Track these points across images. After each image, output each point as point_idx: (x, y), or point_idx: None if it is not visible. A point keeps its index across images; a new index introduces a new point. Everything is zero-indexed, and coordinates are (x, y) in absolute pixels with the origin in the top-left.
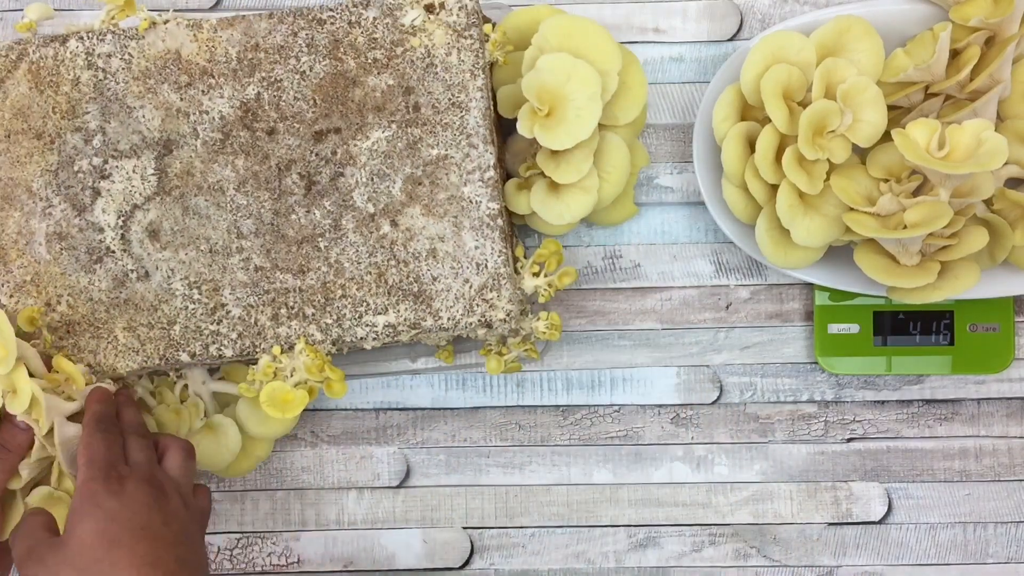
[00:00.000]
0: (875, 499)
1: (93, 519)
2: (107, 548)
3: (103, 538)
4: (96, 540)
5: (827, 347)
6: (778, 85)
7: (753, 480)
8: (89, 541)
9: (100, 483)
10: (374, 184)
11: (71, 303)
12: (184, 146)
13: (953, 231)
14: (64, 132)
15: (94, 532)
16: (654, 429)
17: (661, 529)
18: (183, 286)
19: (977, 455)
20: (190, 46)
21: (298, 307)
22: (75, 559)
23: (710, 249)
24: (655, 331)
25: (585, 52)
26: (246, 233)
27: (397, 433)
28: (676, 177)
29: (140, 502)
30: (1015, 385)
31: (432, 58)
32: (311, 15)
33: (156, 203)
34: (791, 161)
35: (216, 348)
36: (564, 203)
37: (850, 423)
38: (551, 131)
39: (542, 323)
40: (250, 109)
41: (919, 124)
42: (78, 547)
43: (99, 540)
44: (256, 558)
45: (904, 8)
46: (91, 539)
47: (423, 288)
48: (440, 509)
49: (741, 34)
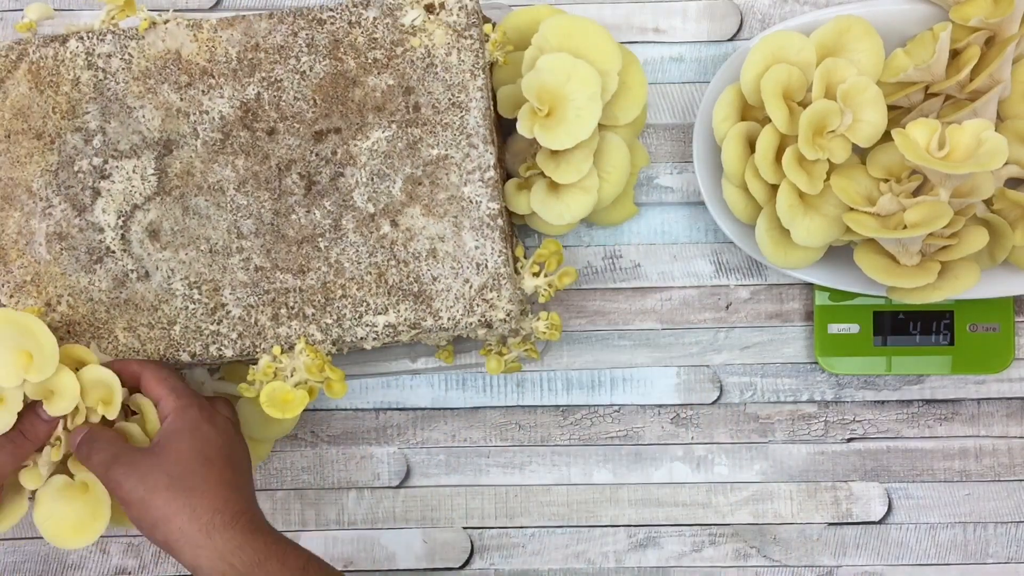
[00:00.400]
0: (875, 499)
1: (192, 439)
2: (200, 463)
3: (199, 455)
4: (192, 455)
5: (827, 347)
6: (778, 85)
7: (753, 480)
8: (186, 455)
9: (196, 410)
10: (374, 184)
11: (71, 303)
12: (184, 146)
13: (953, 231)
14: (64, 132)
15: (191, 448)
16: (654, 429)
17: (661, 529)
18: (183, 286)
19: (977, 455)
20: (190, 46)
21: (298, 307)
22: (170, 467)
23: (710, 249)
24: (655, 331)
25: (585, 52)
26: (246, 233)
27: (397, 433)
28: (676, 177)
29: (229, 434)
30: (1015, 385)
31: (432, 58)
32: (311, 15)
33: (156, 203)
34: (791, 161)
35: (216, 348)
36: (564, 203)
37: (850, 423)
38: (551, 131)
39: (542, 323)
40: (250, 109)
41: (919, 124)
42: (175, 457)
43: (195, 456)
44: None
45: (904, 8)
46: (188, 453)
47: (423, 288)
48: (440, 509)
49: (741, 34)
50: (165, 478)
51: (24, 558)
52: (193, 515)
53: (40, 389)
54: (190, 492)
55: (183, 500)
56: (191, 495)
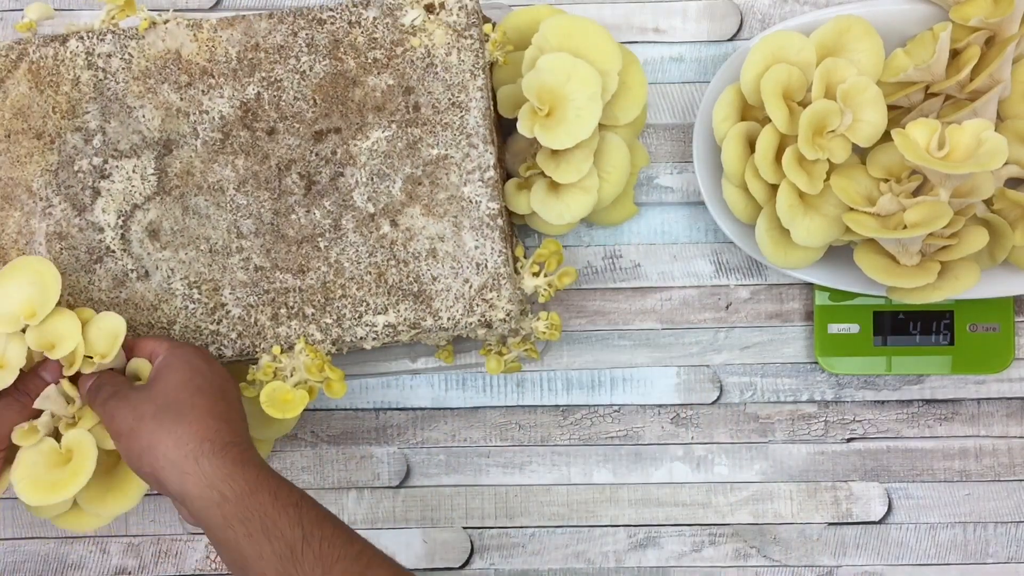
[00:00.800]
0: (875, 499)
1: (182, 371)
2: (190, 394)
3: (189, 386)
4: (181, 386)
5: (827, 347)
6: (778, 85)
7: (753, 480)
8: (174, 385)
9: (190, 348)
10: (374, 184)
11: (71, 303)
12: (184, 146)
13: (953, 231)
14: (64, 132)
15: (181, 380)
16: (654, 429)
17: (661, 529)
18: (183, 286)
19: (977, 455)
20: (190, 46)
21: (298, 307)
22: (158, 398)
23: (710, 249)
24: (655, 331)
25: (585, 52)
26: (246, 233)
27: (397, 433)
28: (676, 177)
29: (222, 371)
30: (1015, 385)
31: (432, 58)
32: (311, 15)
33: (156, 203)
34: (791, 161)
35: (216, 348)
36: (564, 203)
37: (850, 423)
38: (551, 131)
39: (542, 323)
40: (250, 109)
41: (919, 124)
42: (163, 389)
43: (184, 386)
44: None
45: (904, 8)
46: (177, 384)
47: (423, 288)
48: (440, 509)
49: (741, 34)
50: (152, 407)
51: (24, 558)
52: (179, 442)
53: (43, 340)
54: (177, 420)
55: (169, 428)
56: (178, 423)
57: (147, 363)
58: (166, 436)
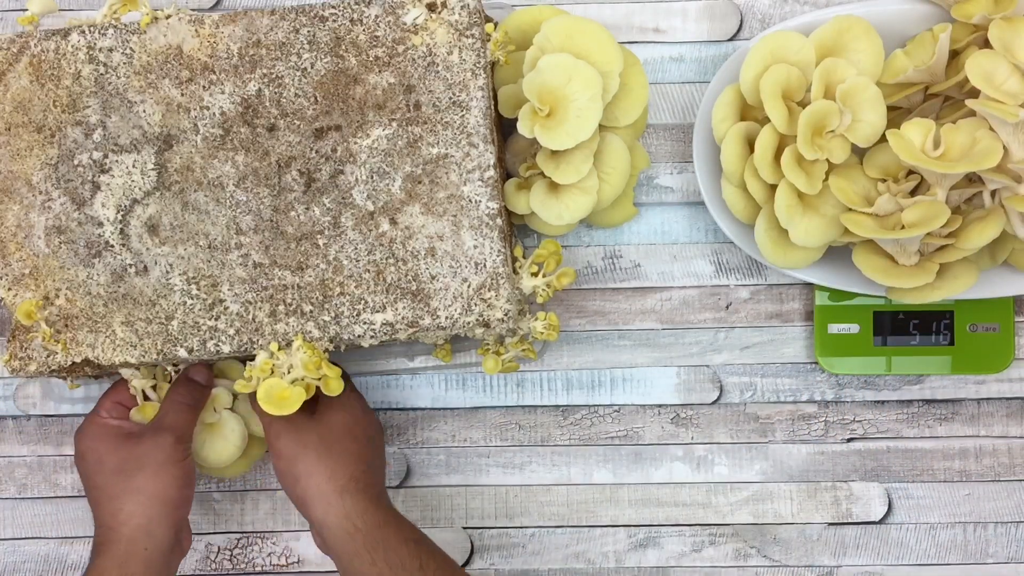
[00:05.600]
0: (875, 499)
1: (346, 415)
2: (349, 438)
3: (348, 431)
4: (344, 430)
5: (827, 347)
6: (777, 85)
7: (753, 480)
8: (338, 428)
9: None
10: (374, 182)
11: (69, 297)
12: (184, 141)
13: (951, 230)
14: (64, 126)
15: (343, 424)
16: (654, 429)
17: (661, 529)
18: (181, 281)
19: (977, 455)
20: (192, 41)
21: (296, 304)
22: (323, 433)
23: (710, 249)
24: (655, 331)
25: (587, 53)
26: (245, 229)
27: (397, 433)
28: (676, 177)
29: (376, 422)
30: (1015, 385)
31: (433, 57)
32: (313, 12)
33: (156, 198)
34: (790, 161)
35: (214, 344)
36: (563, 203)
37: (850, 423)
38: (552, 131)
39: (540, 323)
40: (251, 105)
41: (914, 124)
42: (328, 427)
43: (346, 431)
44: (256, 558)
45: (904, 8)
46: (340, 427)
47: (421, 287)
48: (440, 509)
49: (741, 34)
50: (316, 441)
51: (24, 558)
52: (332, 477)
53: None
54: (334, 458)
55: (326, 463)
56: (335, 461)
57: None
58: (323, 469)
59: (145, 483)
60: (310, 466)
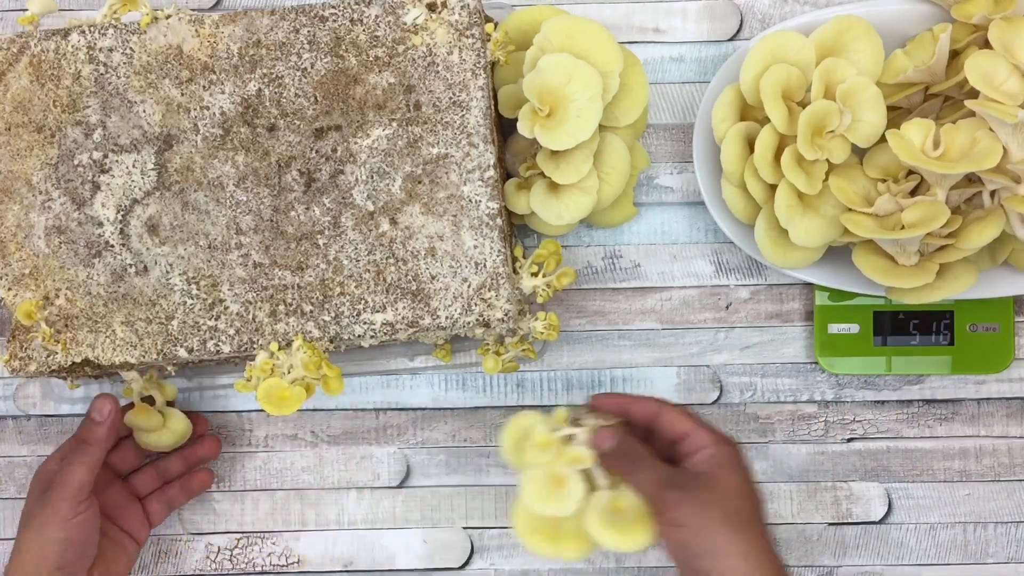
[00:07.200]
0: (875, 499)
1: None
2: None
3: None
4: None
5: (827, 347)
6: (777, 85)
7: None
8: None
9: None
10: (374, 182)
11: (69, 297)
12: (184, 141)
13: (951, 231)
14: (64, 126)
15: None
16: None
17: None
18: (181, 281)
19: (977, 455)
20: (192, 41)
21: (296, 304)
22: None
23: (710, 249)
24: (655, 331)
25: (587, 53)
26: (245, 229)
27: (397, 433)
28: (676, 177)
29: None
30: (1015, 385)
31: (433, 57)
32: (313, 12)
33: (156, 198)
34: (790, 161)
35: (214, 344)
36: (563, 204)
37: (850, 423)
38: (552, 131)
39: (540, 323)
40: (251, 105)
41: (913, 124)
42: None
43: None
44: (256, 558)
45: (904, 8)
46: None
47: (421, 287)
48: (440, 509)
49: (741, 34)
50: (721, 512)
51: None
52: (746, 556)
53: None
54: (745, 532)
55: (737, 538)
56: (747, 536)
57: None
58: (735, 547)
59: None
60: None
